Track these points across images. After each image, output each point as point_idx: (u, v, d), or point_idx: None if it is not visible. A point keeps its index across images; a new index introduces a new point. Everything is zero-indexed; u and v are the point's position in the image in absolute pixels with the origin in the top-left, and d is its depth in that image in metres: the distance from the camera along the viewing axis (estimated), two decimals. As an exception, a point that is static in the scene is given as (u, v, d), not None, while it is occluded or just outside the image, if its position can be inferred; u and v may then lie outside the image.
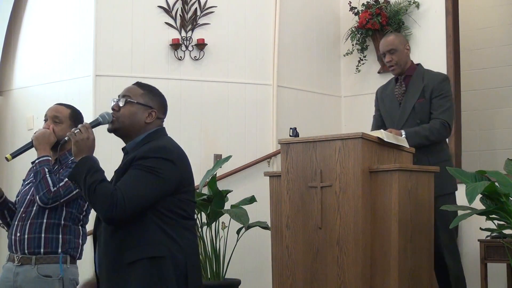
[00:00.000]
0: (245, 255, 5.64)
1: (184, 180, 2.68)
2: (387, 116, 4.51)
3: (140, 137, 2.73)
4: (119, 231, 2.59)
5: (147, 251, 2.57)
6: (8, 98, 6.45)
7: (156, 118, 2.77)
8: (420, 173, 3.79)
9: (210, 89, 6.04)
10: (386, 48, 4.44)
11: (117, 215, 2.52)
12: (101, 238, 2.65)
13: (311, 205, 3.76)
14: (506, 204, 3.65)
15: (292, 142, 3.88)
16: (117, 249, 2.59)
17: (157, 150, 2.63)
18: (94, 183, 2.55)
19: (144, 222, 2.58)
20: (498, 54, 6.79)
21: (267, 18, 6.28)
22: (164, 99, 2.87)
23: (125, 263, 2.57)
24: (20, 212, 3.33)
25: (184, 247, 2.63)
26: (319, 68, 6.64)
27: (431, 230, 3.87)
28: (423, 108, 4.35)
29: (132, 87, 2.82)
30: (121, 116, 2.73)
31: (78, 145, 2.67)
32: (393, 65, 4.42)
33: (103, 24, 5.82)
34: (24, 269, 3.26)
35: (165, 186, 2.59)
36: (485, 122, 6.81)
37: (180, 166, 2.65)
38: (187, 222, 2.68)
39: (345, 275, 3.62)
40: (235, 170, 5.91)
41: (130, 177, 2.58)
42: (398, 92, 4.46)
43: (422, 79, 4.41)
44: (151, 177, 2.57)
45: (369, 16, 6.34)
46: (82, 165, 2.62)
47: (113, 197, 2.51)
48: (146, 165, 2.58)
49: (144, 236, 2.58)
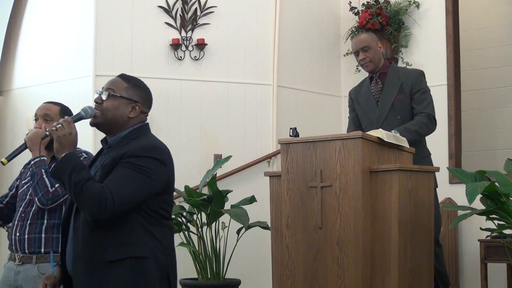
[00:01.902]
0: (245, 255, 5.64)
1: (171, 182, 2.65)
2: (364, 115, 4.49)
3: (124, 132, 2.67)
4: (101, 229, 2.52)
5: (131, 251, 2.53)
6: (8, 98, 6.46)
7: (140, 112, 2.70)
8: (420, 173, 3.79)
9: (210, 89, 6.04)
10: (359, 45, 4.44)
11: (106, 215, 2.47)
12: (79, 234, 2.58)
13: (311, 205, 3.76)
14: (506, 204, 3.65)
15: (292, 142, 3.88)
16: (98, 247, 2.53)
17: (148, 149, 2.58)
18: (81, 181, 2.49)
19: (128, 221, 2.53)
20: (498, 54, 6.79)
21: (267, 18, 6.29)
22: (149, 92, 2.78)
23: (106, 261, 2.51)
24: (20, 212, 3.34)
25: (166, 247, 2.61)
26: (319, 68, 6.64)
27: (431, 230, 3.87)
28: (403, 104, 4.35)
29: (116, 79, 2.73)
30: (104, 110, 2.66)
31: (60, 140, 2.59)
32: (367, 62, 4.41)
33: (103, 24, 5.82)
34: (24, 268, 3.27)
35: (154, 186, 2.56)
36: (485, 122, 6.82)
37: (168, 167, 2.62)
38: (167, 222, 2.66)
39: (345, 275, 3.62)
40: (235, 170, 5.91)
41: (119, 176, 2.52)
42: (374, 90, 4.45)
43: (398, 76, 4.40)
44: (141, 176, 2.52)
45: (369, 16, 6.34)
46: (65, 162, 2.55)
47: (101, 196, 2.45)
48: (136, 164, 2.53)
49: (128, 235, 2.53)
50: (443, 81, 6.03)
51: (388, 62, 4.53)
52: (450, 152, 5.93)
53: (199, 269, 5.16)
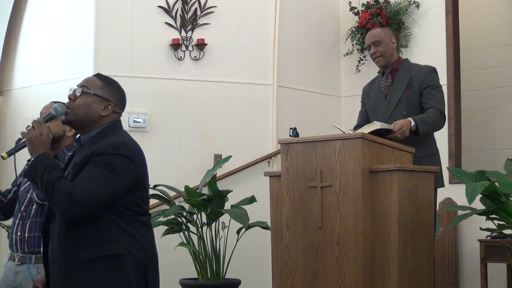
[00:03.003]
0: (245, 255, 5.64)
1: (141, 177, 2.64)
2: (372, 109, 4.46)
3: (96, 130, 2.66)
4: (75, 229, 2.53)
5: (106, 249, 2.53)
6: (8, 98, 6.46)
7: (112, 111, 2.69)
8: (420, 173, 3.79)
9: (210, 89, 6.04)
10: (371, 40, 4.42)
11: (76, 213, 2.47)
12: (54, 235, 2.59)
13: (311, 205, 3.76)
14: (506, 204, 3.65)
15: (292, 142, 3.88)
16: (73, 247, 2.54)
17: (115, 146, 2.57)
18: (52, 181, 2.50)
19: (101, 219, 2.54)
20: (498, 54, 6.79)
21: (267, 18, 6.29)
22: (123, 93, 2.77)
23: (82, 260, 2.52)
24: (21, 211, 3.34)
25: (143, 243, 2.61)
26: (319, 68, 6.64)
27: (431, 230, 3.87)
28: (410, 99, 4.29)
29: (92, 78, 2.74)
30: (76, 107, 2.66)
31: (31, 142, 2.61)
32: (378, 56, 4.39)
33: (103, 24, 5.82)
34: (24, 268, 3.27)
35: (123, 183, 2.55)
36: (485, 122, 6.82)
37: (137, 163, 2.61)
38: (143, 217, 2.65)
39: (345, 275, 3.62)
40: (235, 170, 5.91)
41: (88, 174, 2.52)
42: (384, 85, 4.41)
43: (409, 72, 4.36)
44: (109, 174, 2.52)
45: (369, 16, 6.34)
46: (37, 163, 2.56)
47: (71, 195, 2.46)
48: (104, 162, 2.53)
49: (102, 233, 2.54)
50: (443, 81, 6.00)
51: (402, 58, 4.48)
52: (450, 152, 5.93)
53: (199, 269, 5.16)
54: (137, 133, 5.67)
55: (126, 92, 2.80)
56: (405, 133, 3.98)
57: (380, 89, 4.43)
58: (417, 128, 4.04)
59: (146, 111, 5.78)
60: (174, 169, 5.82)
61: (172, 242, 5.09)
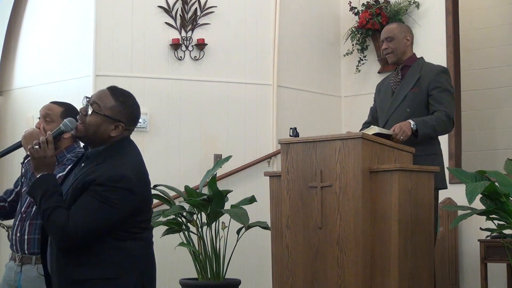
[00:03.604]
0: (245, 255, 5.64)
1: (142, 203, 2.62)
2: (379, 105, 4.46)
3: (103, 146, 2.64)
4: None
5: (100, 272, 2.53)
6: (8, 98, 6.46)
7: (123, 130, 2.67)
8: (420, 173, 3.79)
9: (210, 89, 6.04)
10: (384, 35, 4.42)
11: (68, 246, 2.50)
12: (53, 249, 2.60)
13: (311, 205, 3.76)
14: (506, 204, 3.65)
15: (292, 142, 3.88)
16: (68, 264, 2.54)
17: (116, 179, 2.52)
18: (48, 209, 2.51)
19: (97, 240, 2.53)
20: (498, 54, 6.79)
21: (267, 18, 6.29)
22: (137, 109, 2.73)
23: (76, 279, 2.53)
24: (21, 213, 3.34)
25: (140, 259, 2.59)
26: (319, 68, 6.64)
27: (431, 230, 3.87)
28: (416, 98, 4.26)
29: (105, 94, 2.67)
30: (86, 124, 2.64)
31: (35, 162, 2.62)
32: (389, 52, 4.38)
33: (103, 24, 5.82)
34: (25, 268, 3.27)
35: (119, 215, 2.53)
36: (485, 122, 6.81)
37: (139, 193, 2.58)
38: (141, 235, 2.63)
39: (345, 275, 3.62)
40: (235, 170, 5.91)
41: (85, 205, 2.51)
42: (393, 81, 4.40)
43: (419, 70, 4.33)
44: (105, 207, 2.49)
45: (369, 16, 6.34)
46: (38, 186, 2.58)
47: (64, 229, 2.47)
48: (102, 194, 2.50)
49: (98, 255, 2.53)
50: (443, 81, 6.02)
51: (417, 56, 4.44)
52: (450, 152, 5.93)
53: (199, 269, 5.16)
54: (137, 133, 5.61)
55: (126, 92, 2.78)
56: (406, 132, 3.97)
57: (389, 85, 4.42)
58: (417, 129, 4.02)
59: (146, 111, 5.78)
60: (174, 169, 5.82)
61: (172, 242, 5.09)
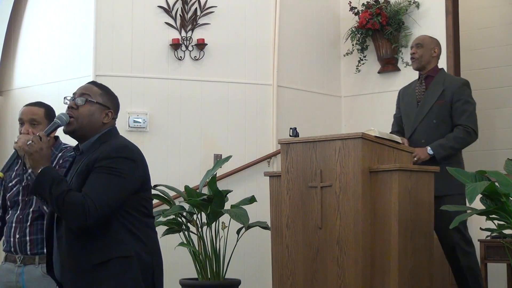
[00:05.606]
0: (245, 255, 5.64)
1: (145, 178, 2.69)
2: (405, 114, 4.69)
3: (95, 137, 2.70)
4: (84, 234, 2.56)
5: (115, 251, 2.57)
6: (8, 98, 6.46)
7: (111, 118, 2.75)
8: (420, 173, 3.79)
9: (210, 89, 6.04)
10: (415, 41, 4.73)
11: (91, 222, 2.51)
12: (63, 242, 2.62)
13: (311, 205, 3.76)
14: (506, 204, 3.65)
15: (292, 142, 3.88)
16: (83, 252, 2.57)
17: (118, 150, 2.61)
18: (62, 194, 2.53)
19: (110, 223, 2.58)
20: (498, 54, 6.79)
21: (267, 18, 6.28)
22: (118, 99, 2.84)
23: (93, 264, 2.56)
24: (17, 215, 3.33)
25: (150, 247, 2.65)
26: (319, 68, 6.64)
27: (431, 230, 3.87)
28: (442, 110, 4.50)
29: (90, 86, 2.77)
30: (80, 116, 2.69)
31: (33, 157, 2.62)
32: (415, 58, 4.65)
33: (103, 24, 5.82)
34: (28, 269, 3.29)
35: (130, 185, 2.60)
36: (485, 122, 6.81)
37: (140, 165, 2.66)
38: (148, 219, 2.70)
39: (345, 275, 3.62)
40: (235, 170, 5.91)
41: (96, 182, 2.56)
42: (418, 91, 4.64)
43: (442, 82, 4.57)
44: (116, 179, 2.56)
45: (369, 16, 6.34)
46: (43, 177, 2.58)
47: (84, 206, 2.50)
48: (109, 167, 2.56)
49: (112, 237, 2.58)
50: (443, 81, 6.02)
51: (439, 68, 4.69)
52: (450, 152, 5.92)
53: (199, 269, 5.16)
54: (137, 133, 5.67)
55: (126, 92, 2.83)
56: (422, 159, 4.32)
57: (414, 94, 4.66)
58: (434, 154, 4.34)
59: (146, 111, 5.77)
60: (174, 169, 5.82)
61: (172, 242, 5.09)
